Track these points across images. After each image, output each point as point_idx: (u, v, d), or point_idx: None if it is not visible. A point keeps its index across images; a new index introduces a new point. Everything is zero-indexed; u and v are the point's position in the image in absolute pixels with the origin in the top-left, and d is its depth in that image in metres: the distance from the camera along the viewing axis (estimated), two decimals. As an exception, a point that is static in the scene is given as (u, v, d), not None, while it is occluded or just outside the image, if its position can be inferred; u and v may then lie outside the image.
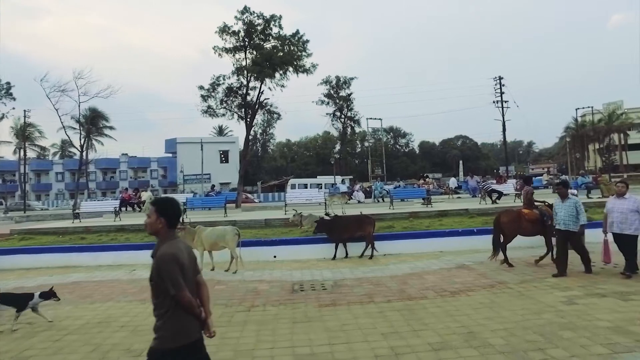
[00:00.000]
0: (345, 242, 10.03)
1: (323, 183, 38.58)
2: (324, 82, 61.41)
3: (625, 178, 6.97)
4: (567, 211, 7.19)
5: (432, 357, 4.09)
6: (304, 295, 6.72)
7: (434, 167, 78.22)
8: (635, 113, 63.35)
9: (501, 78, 47.93)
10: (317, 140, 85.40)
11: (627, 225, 6.90)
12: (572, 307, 5.39)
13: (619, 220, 7.00)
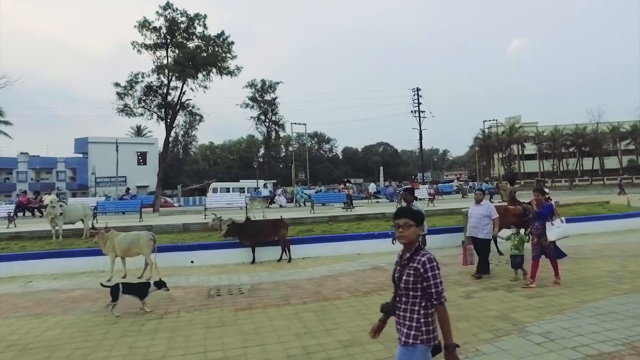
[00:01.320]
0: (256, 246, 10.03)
1: (246, 187, 38.10)
2: (249, 85, 60.92)
3: (478, 192, 7.82)
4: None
5: (341, 353, 4.31)
6: (220, 300, 6.66)
7: (356, 172, 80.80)
8: (530, 127, 71.31)
9: (419, 89, 51.17)
10: (241, 144, 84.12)
11: (480, 229, 7.46)
12: (469, 301, 5.99)
13: (473, 224, 7.58)
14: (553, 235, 6.65)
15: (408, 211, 2.67)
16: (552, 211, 6.82)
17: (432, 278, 2.44)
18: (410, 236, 2.57)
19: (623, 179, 44.73)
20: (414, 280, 2.48)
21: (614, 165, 67.99)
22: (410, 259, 2.56)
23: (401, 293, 2.56)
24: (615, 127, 66.56)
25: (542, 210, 6.87)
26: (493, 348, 4.23)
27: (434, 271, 2.46)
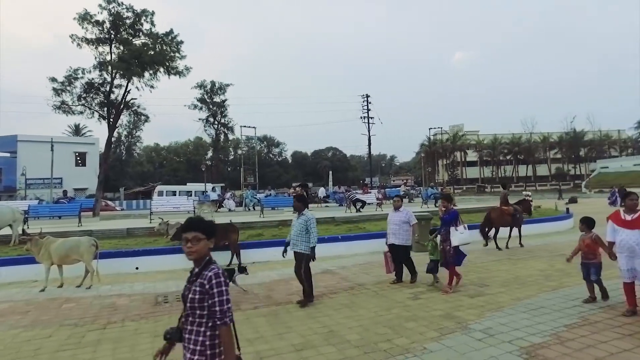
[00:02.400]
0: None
1: (193, 190, 37.04)
2: (198, 86, 59.35)
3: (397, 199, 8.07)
4: (297, 229, 6.54)
5: (294, 357, 4.33)
6: (168, 307, 6.45)
7: (305, 176, 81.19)
8: (472, 135, 75.32)
9: (368, 96, 52.45)
10: (188, 146, 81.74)
11: (399, 236, 7.47)
12: (416, 302, 6.23)
13: (392, 231, 7.55)
14: (456, 240, 6.81)
15: (198, 223, 2.40)
16: (456, 217, 7.00)
17: (217, 295, 2.23)
18: (200, 251, 2.35)
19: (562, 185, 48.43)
20: (199, 298, 2.25)
21: (544, 172, 73.38)
22: (199, 274, 2.33)
23: (188, 313, 2.31)
24: (545, 138, 72.02)
25: (447, 216, 7.05)
26: (439, 346, 4.45)
27: (220, 287, 2.24)
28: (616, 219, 5.36)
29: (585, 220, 6.07)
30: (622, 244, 5.18)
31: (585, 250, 5.88)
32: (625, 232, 5.17)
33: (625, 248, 5.14)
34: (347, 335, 4.88)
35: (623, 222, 5.24)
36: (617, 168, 59.55)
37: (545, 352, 4.17)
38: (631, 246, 5.08)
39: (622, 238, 5.19)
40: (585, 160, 72.50)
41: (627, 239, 5.13)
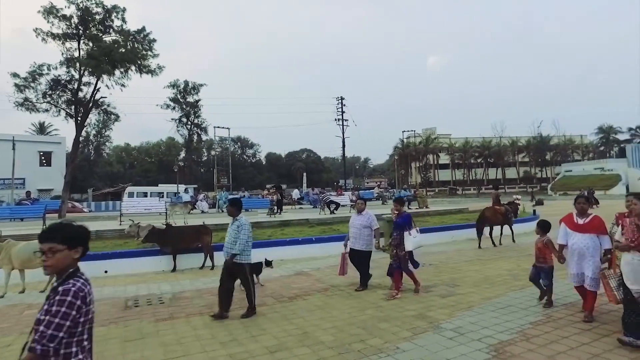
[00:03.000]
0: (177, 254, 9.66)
1: (165, 192, 36.27)
2: (171, 85, 58.36)
3: (360, 202, 8.00)
4: (232, 236, 5.82)
5: (268, 359, 4.32)
6: (139, 311, 6.29)
7: (279, 178, 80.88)
8: (444, 138, 76.88)
9: (343, 98, 52.81)
10: (160, 146, 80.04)
11: (360, 240, 7.20)
12: (389, 303, 6.31)
13: (353, 235, 7.28)
14: (410, 244, 6.66)
15: (53, 232, 2.04)
16: (409, 221, 6.83)
17: (50, 313, 1.85)
18: (57, 264, 2.00)
19: (533, 188, 50.12)
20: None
21: (513, 175, 75.68)
22: (55, 289, 1.97)
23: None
24: (514, 142, 74.34)
25: (400, 220, 6.87)
26: (411, 345, 4.53)
27: (59, 307, 1.86)
28: (569, 222, 5.32)
29: (541, 223, 6.03)
30: (573, 248, 5.15)
31: (537, 253, 5.88)
32: (576, 236, 5.14)
33: (575, 252, 5.12)
34: (321, 337, 4.90)
35: (575, 225, 5.21)
36: (579, 172, 62.13)
37: (512, 348, 4.31)
38: (581, 250, 5.05)
39: (574, 242, 5.15)
40: (551, 164, 75.19)
41: (577, 242, 5.10)
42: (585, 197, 5.41)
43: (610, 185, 49.81)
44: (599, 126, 77.70)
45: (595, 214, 5.20)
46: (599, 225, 5.07)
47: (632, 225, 4.26)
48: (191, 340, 4.93)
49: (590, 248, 4.99)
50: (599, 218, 5.13)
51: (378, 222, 7.63)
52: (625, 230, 4.30)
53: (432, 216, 17.81)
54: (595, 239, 5.02)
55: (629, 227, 4.27)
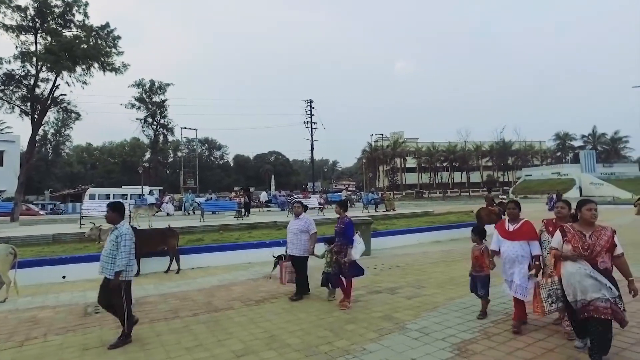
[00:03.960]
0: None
1: (129, 193, 35.15)
2: (137, 84, 56.70)
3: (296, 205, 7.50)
4: (109, 247, 5.12)
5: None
6: (99, 317, 6.05)
7: (247, 180, 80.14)
8: (412, 142, 78.49)
9: (312, 101, 52.96)
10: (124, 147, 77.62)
11: (296, 245, 6.86)
12: (356, 304, 6.35)
13: (290, 240, 6.96)
14: (357, 253, 6.30)
15: None
16: (351, 227, 6.42)
17: None
18: None
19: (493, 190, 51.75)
20: None
21: (477, 179, 78.14)
22: None
23: None
24: (478, 147, 76.85)
25: (343, 226, 6.44)
26: (378, 346, 4.58)
27: None
28: (500, 229, 5.13)
29: (476, 230, 5.74)
30: (504, 256, 4.97)
31: (474, 262, 5.59)
32: (507, 243, 4.96)
33: (506, 259, 4.96)
34: (288, 340, 4.88)
35: (506, 232, 5.02)
36: (538, 176, 64.98)
37: (474, 347, 4.44)
38: (512, 259, 4.88)
39: (504, 249, 4.97)
40: (513, 168, 78.23)
41: (507, 250, 4.92)
42: (515, 202, 5.21)
43: (566, 189, 52.28)
44: (555, 133, 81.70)
45: (526, 220, 5.01)
46: (529, 231, 4.90)
47: (575, 232, 3.97)
48: (155, 346, 4.80)
49: (520, 255, 4.84)
50: (529, 224, 4.94)
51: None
52: (569, 239, 3.97)
53: (398, 219, 18.13)
54: (525, 246, 4.86)
55: (574, 234, 3.95)
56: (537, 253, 4.81)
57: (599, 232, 3.90)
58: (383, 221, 16.88)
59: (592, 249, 3.82)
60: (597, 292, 3.65)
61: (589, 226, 3.98)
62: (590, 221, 3.95)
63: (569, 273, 3.87)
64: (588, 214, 3.97)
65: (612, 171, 61.52)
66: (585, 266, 3.77)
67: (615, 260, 3.88)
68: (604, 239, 3.86)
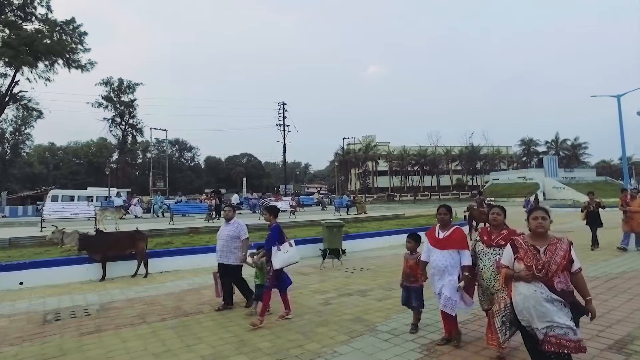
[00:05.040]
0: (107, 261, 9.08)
1: (95, 195, 34.01)
2: (104, 83, 55.14)
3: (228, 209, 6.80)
4: None
5: (203, 369, 4.17)
6: (60, 325, 5.79)
7: (219, 182, 79.06)
8: (383, 146, 79.45)
9: (284, 103, 52.82)
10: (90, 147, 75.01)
11: (226, 253, 6.26)
12: (327, 307, 6.36)
13: (220, 248, 6.32)
14: (278, 262, 5.67)
15: None
16: (280, 233, 5.90)
17: None
18: None
19: (479, 194, 52.99)
20: None
21: (447, 182, 79.86)
22: None
23: None
24: (448, 151, 78.58)
25: (271, 233, 5.88)
26: (348, 348, 4.60)
27: None
28: (430, 237, 4.68)
29: (414, 236, 5.20)
30: (433, 266, 4.55)
31: (407, 271, 5.07)
32: (436, 252, 4.54)
33: (436, 271, 4.52)
34: (259, 344, 4.83)
35: (435, 240, 4.60)
36: (505, 180, 67.10)
37: (442, 347, 4.53)
38: (441, 269, 4.46)
39: (433, 259, 4.55)
40: (481, 172, 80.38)
41: (437, 260, 4.50)
42: (446, 207, 4.70)
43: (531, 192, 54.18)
44: (521, 139, 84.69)
45: (457, 227, 4.64)
46: (459, 239, 4.48)
47: (528, 247, 3.36)
48: (120, 353, 4.64)
49: (449, 266, 4.42)
50: (460, 231, 4.58)
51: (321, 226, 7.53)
52: (521, 255, 3.36)
53: (370, 222, 18.27)
54: (455, 255, 4.44)
55: (527, 250, 3.35)
56: (467, 263, 4.38)
57: (554, 246, 3.29)
58: (354, 224, 16.98)
59: (548, 269, 3.21)
60: (556, 320, 3.11)
61: (541, 239, 3.36)
62: (537, 232, 3.37)
63: (523, 296, 3.28)
64: (533, 225, 3.39)
65: (572, 176, 64.25)
66: (541, 289, 3.19)
67: (573, 277, 3.29)
68: (560, 254, 3.24)
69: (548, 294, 3.17)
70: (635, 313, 5.61)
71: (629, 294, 6.64)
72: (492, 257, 4.21)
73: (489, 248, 4.27)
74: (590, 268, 8.79)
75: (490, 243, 4.27)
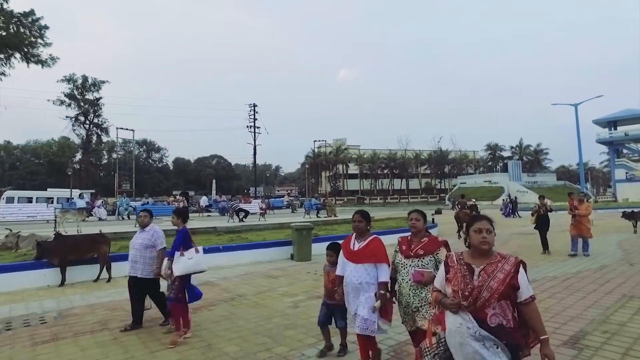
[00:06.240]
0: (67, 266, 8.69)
1: (55, 197, 32.60)
2: (67, 79, 53.03)
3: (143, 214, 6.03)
4: None
5: (167, 376, 4.05)
6: (12, 335, 5.47)
7: (187, 184, 77.64)
8: (354, 149, 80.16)
9: (255, 105, 52.40)
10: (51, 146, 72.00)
11: (141, 264, 5.48)
12: (296, 310, 6.34)
13: (132, 258, 5.55)
14: (180, 268, 5.10)
15: None
16: (185, 237, 5.33)
17: None
18: None
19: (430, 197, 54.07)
20: None
21: (415, 186, 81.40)
22: None
23: None
24: (417, 155, 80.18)
25: (177, 236, 5.34)
26: (315, 351, 4.59)
27: None
28: (344, 248, 4.00)
29: (334, 247, 4.48)
30: (347, 282, 3.85)
31: (328, 287, 4.32)
32: (350, 266, 3.83)
33: (350, 288, 3.83)
34: (226, 348, 4.75)
35: (349, 252, 3.90)
36: (472, 184, 69.01)
37: (409, 348, 4.55)
38: (355, 286, 3.77)
39: (347, 274, 3.85)
40: (449, 176, 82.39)
41: (351, 275, 3.80)
42: (361, 214, 4.08)
43: (496, 196, 56.07)
44: (487, 143, 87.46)
45: (375, 236, 3.96)
46: (376, 251, 3.79)
47: (460, 266, 2.57)
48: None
49: (365, 282, 3.74)
50: (377, 242, 3.88)
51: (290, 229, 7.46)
52: (451, 277, 2.58)
53: (339, 224, 18.38)
54: (371, 270, 3.76)
55: (457, 268, 2.57)
56: (383, 280, 3.71)
57: (493, 266, 2.46)
58: (324, 227, 17.04)
59: (477, 296, 2.40)
60: None
61: (481, 256, 2.54)
62: (480, 249, 2.53)
63: (448, 331, 2.52)
64: (475, 240, 2.54)
65: (535, 180, 66.95)
66: (469, 322, 2.39)
67: (523, 308, 2.45)
68: (499, 277, 2.41)
69: (476, 330, 2.36)
70: (588, 310, 5.92)
71: (582, 292, 6.98)
72: (410, 269, 3.56)
73: (408, 259, 3.61)
74: (550, 268, 9.17)
75: (409, 253, 3.61)
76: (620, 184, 54.30)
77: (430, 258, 3.52)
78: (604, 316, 5.62)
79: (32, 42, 20.13)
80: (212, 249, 10.81)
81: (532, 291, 2.48)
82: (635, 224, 16.94)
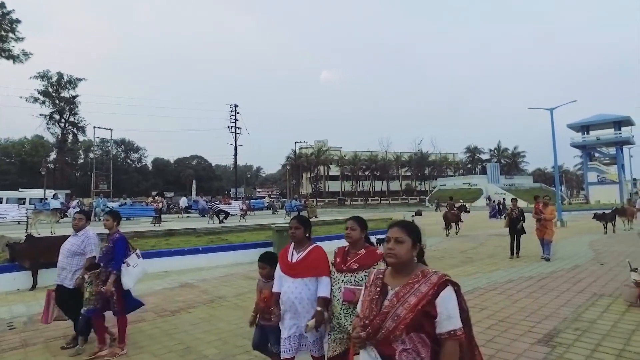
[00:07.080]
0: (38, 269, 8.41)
1: (28, 197, 31.63)
2: (40, 76, 51.52)
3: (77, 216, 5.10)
4: None
5: (143, 380, 3.98)
6: (-15, 340, 5.29)
7: (167, 185, 76.51)
8: (335, 151, 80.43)
9: (236, 106, 52.05)
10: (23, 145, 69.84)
11: (67, 273, 4.84)
12: (274, 311, 6.29)
13: (61, 265, 4.90)
14: (132, 280, 4.71)
15: None
16: (126, 246, 4.82)
17: None
18: None
19: (410, 199, 54.62)
20: None
21: (396, 187, 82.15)
22: None
23: None
24: (398, 157, 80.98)
25: (116, 246, 4.67)
26: (295, 353, 4.56)
27: None
28: (281, 260, 3.33)
29: (267, 258, 3.68)
30: (284, 299, 3.18)
31: (263, 306, 3.55)
32: (288, 281, 3.19)
33: (287, 306, 3.16)
34: (205, 350, 4.69)
35: (286, 265, 3.25)
36: (452, 185, 70.17)
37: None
38: (293, 303, 3.12)
39: (285, 290, 3.20)
40: (429, 178, 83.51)
41: (288, 291, 3.16)
42: (298, 219, 3.46)
43: (475, 198, 57.14)
44: (467, 146, 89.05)
45: (316, 245, 3.32)
46: (317, 263, 3.20)
47: (374, 286, 1.98)
48: (51, 366, 4.32)
49: (305, 299, 3.12)
50: (318, 250, 3.27)
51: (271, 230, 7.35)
52: (364, 299, 2.01)
53: (320, 226, 18.33)
54: (312, 285, 3.16)
55: (369, 289, 2.00)
56: (323, 295, 3.09)
57: (408, 288, 1.86)
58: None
59: (378, 326, 1.84)
60: None
61: (399, 274, 1.95)
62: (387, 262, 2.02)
63: None
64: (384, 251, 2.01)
65: (512, 182, 68.58)
66: (375, 359, 1.87)
67: (444, 343, 1.78)
68: (410, 302, 1.81)
69: None
70: (561, 309, 6.09)
71: (556, 292, 7.18)
72: (342, 285, 3.00)
73: (340, 273, 3.06)
74: (526, 269, 9.38)
75: (341, 267, 3.07)
76: (592, 186, 56.06)
77: (365, 273, 2.88)
78: (575, 314, 5.79)
79: (2, 36, 19.50)
80: (191, 251, 10.70)
81: (457, 324, 1.79)
82: (606, 225, 17.51)
